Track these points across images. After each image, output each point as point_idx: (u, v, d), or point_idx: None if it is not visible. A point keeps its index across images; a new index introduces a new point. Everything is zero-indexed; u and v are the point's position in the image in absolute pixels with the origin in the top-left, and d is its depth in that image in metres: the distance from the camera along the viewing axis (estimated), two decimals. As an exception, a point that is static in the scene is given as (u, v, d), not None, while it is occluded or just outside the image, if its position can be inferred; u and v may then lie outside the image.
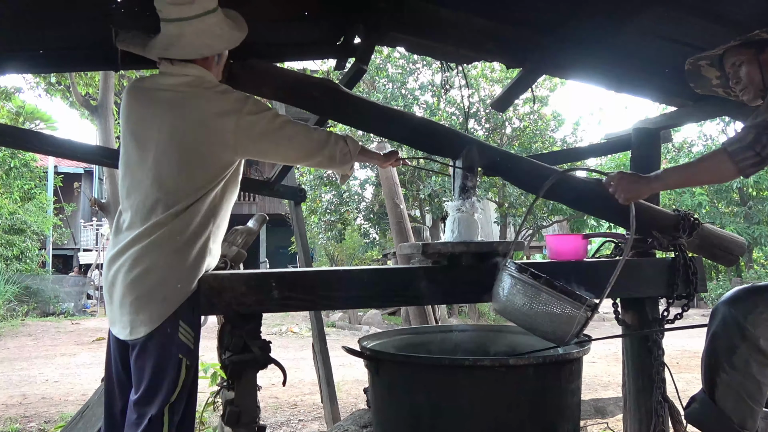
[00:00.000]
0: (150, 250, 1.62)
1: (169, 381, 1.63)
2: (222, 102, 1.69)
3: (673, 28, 2.39)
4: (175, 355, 1.64)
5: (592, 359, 7.46)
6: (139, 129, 1.71)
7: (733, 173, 1.69)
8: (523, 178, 2.45)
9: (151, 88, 1.73)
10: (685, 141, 15.37)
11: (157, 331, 1.62)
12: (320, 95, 2.17)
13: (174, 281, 1.64)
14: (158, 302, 1.62)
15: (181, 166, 1.66)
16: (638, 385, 2.47)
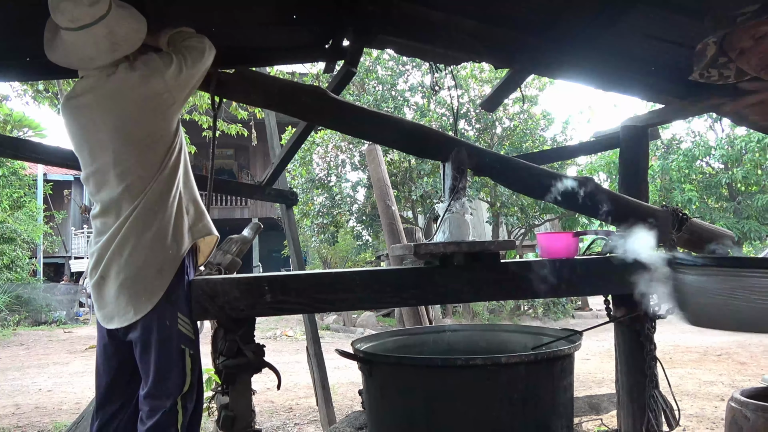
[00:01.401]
0: (130, 233, 1.67)
1: (177, 372, 1.68)
2: (138, 72, 1.71)
3: (659, 27, 2.41)
4: (177, 346, 1.69)
5: (585, 356, 7.50)
6: (84, 140, 1.75)
7: None
8: (513, 180, 2.47)
9: (76, 96, 1.76)
10: (673, 138, 15.48)
11: (157, 320, 1.66)
12: (310, 102, 2.18)
13: (164, 249, 1.69)
14: (155, 274, 1.67)
15: (140, 151, 1.70)
16: (631, 381, 2.49)
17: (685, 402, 4.72)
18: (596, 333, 10.11)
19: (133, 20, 1.74)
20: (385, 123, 2.31)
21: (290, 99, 2.19)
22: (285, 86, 2.22)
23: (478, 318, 12.29)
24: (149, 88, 1.70)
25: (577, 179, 2.44)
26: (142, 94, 1.70)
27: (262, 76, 2.21)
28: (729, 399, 2.44)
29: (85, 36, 1.65)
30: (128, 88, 1.69)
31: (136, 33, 1.74)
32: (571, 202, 2.52)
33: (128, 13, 1.74)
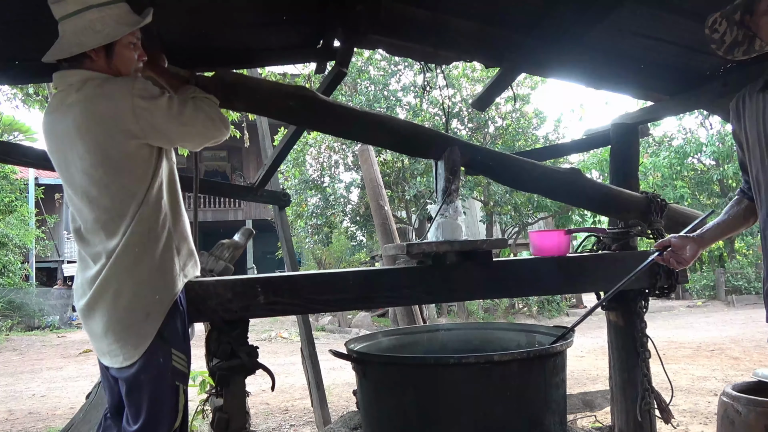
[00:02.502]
0: (113, 273, 1.57)
1: (169, 410, 1.60)
2: (109, 93, 1.57)
3: (647, 25, 2.43)
4: (171, 383, 1.61)
5: (580, 353, 7.53)
6: (56, 160, 1.65)
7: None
8: (504, 175, 2.47)
9: (50, 112, 1.64)
10: (665, 135, 15.58)
11: (149, 358, 1.57)
12: (296, 105, 2.08)
13: (151, 294, 1.59)
14: (142, 320, 1.57)
15: (108, 178, 1.58)
16: (624, 377, 2.50)
17: (679, 397, 4.75)
18: (590, 330, 10.13)
19: (122, 13, 1.63)
20: (375, 123, 2.27)
21: (274, 104, 2.09)
22: (268, 91, 2.11)
23: (473, 317, 12.31)
24: (110, 107, 1.56)
25: (562, 170, 2.47)
26: (102, 111, 1.56)
27: (243, 79, 2.08)
28: (721, 394, 2.45)
29: (81, 21, 1.58)
30: (92, 100, 1.57)
31: (117, 24, 1.61)
32: (557, 192, 2.55)
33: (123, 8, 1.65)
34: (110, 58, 1.64)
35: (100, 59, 1.63)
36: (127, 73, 1.68)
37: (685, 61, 2.67)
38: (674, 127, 15.65)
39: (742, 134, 1.74)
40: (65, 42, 1.60)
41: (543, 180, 2.44)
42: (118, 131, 1.57)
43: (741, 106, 1.74)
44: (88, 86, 1.58)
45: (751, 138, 1.70)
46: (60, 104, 1.61)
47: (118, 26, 1.62)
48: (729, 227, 1.90)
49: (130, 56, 1.67)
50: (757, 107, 1.66)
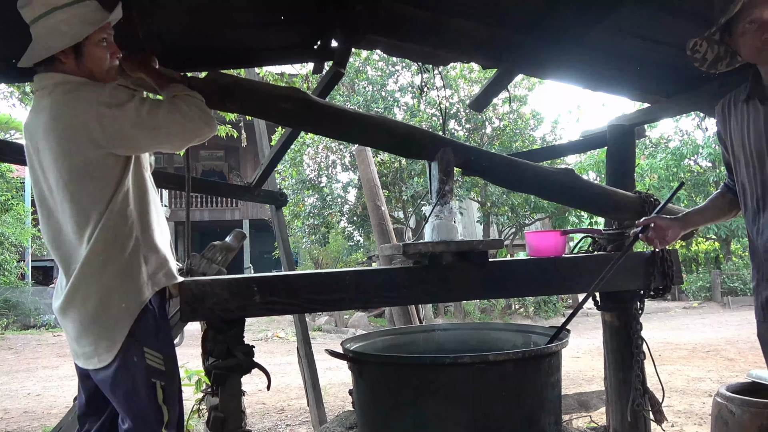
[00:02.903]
0: (80, 279, 1.58)
1: (151, 407, 1.62)
2: (75, 100, 1.55)
3: (645, 26, 2.44)
4: (147, 380, 1.61)
5: (576, 354, 7.54)
6: (29, 162, 1.64)
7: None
8: (499, 175, 2.48)
9: (29, 114, 1.63)
10: (662, 136, 15.63)
11: (122, 359, 1.58)
12: (291, 108, 2.07)
13: (117, 301, 1.59)
14: (111, 326, 1.58)
15: (73, 186, 1.56)
16: (619, 378, 2.51)
17: (674, 398, 4.77)
18: (587, 331, 10.15)
19: (89, 12, 1.60)
20: (369, 125, 2.26)
21: (269, 106, 2.08)
22: (262, 92, 2.10)
23: (470, 317, 12.33)
24: (76, 114, 1.54)
25: (557, 170, 2.48)
26: (68, 118, 1.54)
27: (237, 81, 2.06)
28: (715, 394, 2.47)
29: (48, 23, 1.56)
30: (59, 106, 1.55)
31: (82, 23, 1.58)
32: (552, 193, 2.56)
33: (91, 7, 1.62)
34: (80, 59, 1.61)
35: (70, 61, 1.60)
36: (100, 72, 1.64)
37: (682, 62, 2.67)
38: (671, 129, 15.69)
39: (727, 138, 1.79)
40: (35, 46, 1.59)
41: (537, 180, 2.45)
42: (82, 139, 1.55)
43: (727, 111, 1.80)
44: (57, 91, 1.57)
45: (735, 144, 1.75)
46: (36, 107, 1.60)
47: (83, 25, 1.58)
48: (712, 216, 2.01)
49: (101, 55, 1.63)
50: (742, 116, 1.71)
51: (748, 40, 1.60)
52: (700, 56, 1.74)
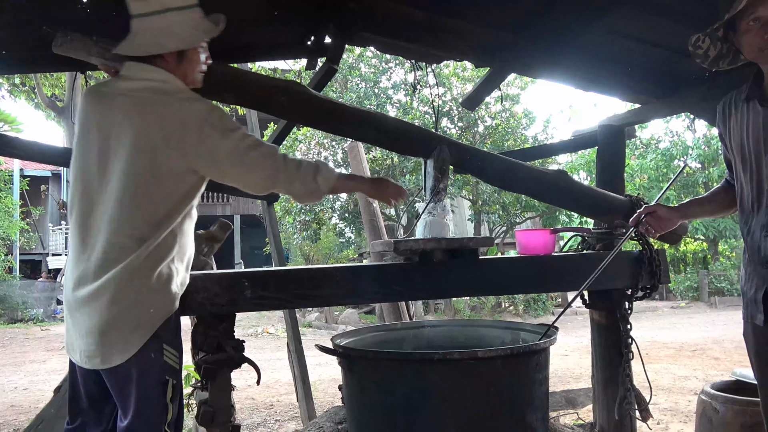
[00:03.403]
0: (117, 277, 1.52)
1: (160, 405, 1.58)
2: (183, 112, 1.57)
3: (637, 28, 2.46)
4: (161, 378, 1.58)
5: (564, 352, 7.60)
6: (97, 139, 1.59)
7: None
8: (492, 175, 2.50)
9: (110, 92, 1.62)
10: (652, 137, 15.74)
11: (137, 357, 1.54)
12: (287, 100, 2.08)
13: (145, 308, 1.56)
14: (131, 330, 1.53)
15: (144, 183, 1.55)
16: (606, 376, 2.54)
17: (660, 396, 4.82)
18: (575, 329, 10.20)
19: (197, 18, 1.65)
20: (366, 121, 2.27)
21: (265, 98, 2.08)
22: (259, 84, 2.10)
23: (460, 315, 12.37)
24: (181, 123, 1.55)
25: (550, 172, 2.50)
26: (172, 124, 1.55)
27: (234, 71, 2.06)
28: (700, 392, 2.50)
29: (161, 22, 1.58)
30: (166, 107, 1.57)
31: (194, 29, 1.64)
32: (544, 193, 2.58)
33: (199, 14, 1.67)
34: (181, 60, 1.66)
35: (172, 60, 1.64)
36: (192, 75, 1.70)
37: (672, 64, 2.71)
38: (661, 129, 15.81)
39: (727, 138, 1.79)
40: (142, 40, 1.60)
41: (530, 181, 2.47)
42: (177, 148, 1.56)
43: (727, 111, 1.80)
44: (168, 91, 1.59)
45: (734, 144, 1.75)
46: (124, 92, 1.59)
47: (196, 32, 1.65)
48: (711, 209, 2.01)
49: (198, 60, 1.71)
50: (742, 116, 1.72)
51: (751, 38, 1.60)
52: (702, 52, 1.74)
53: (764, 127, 1.63)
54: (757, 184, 1.67)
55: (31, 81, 12.62)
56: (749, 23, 1.59)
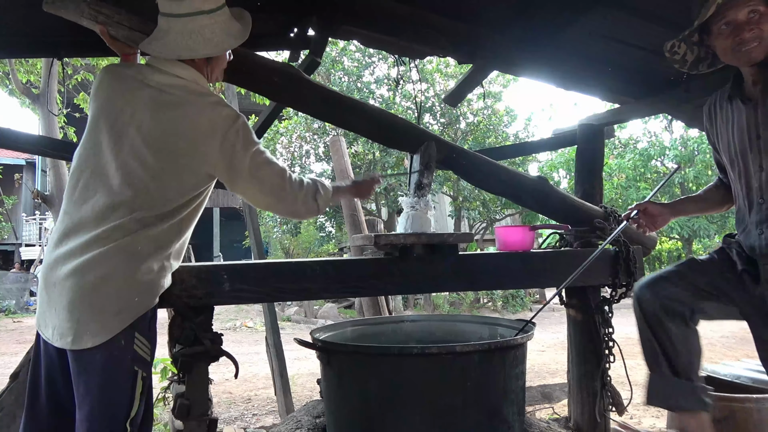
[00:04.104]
0: (109, 256, 1.47)
1: (126, 396, 1.52)
2: (212, 116, 1.58)
3: (616, 29, 2.49)
4: (130, 368, 1.52)
5: (541, 348, 7.69)
6: (115, 120, 1.56)
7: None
8: (477, 176, 2.51)
9: (136, 78, 1.60)
10: (631, 137, 15.96)
11: (108, 342, 1.48)
12: (281, 81, 2.08)
13: (133, 294, 1.52)
14: (112, 314, 1.49)
15: (156, 172, 1.54)
16: (581, 371, 2.58)
17: (634, 391, 4.90)
18: (552, 325, 10.32)
19: (227, 20, 1.65)
20: (357, 109, 2.25)
21: (260, 77, 2.08)
22: (255, 63, 2.08)
23: (439, 310, 12.43)
24: (207, 127, 1.56)
25: (531, 177, 2.52)
26: (197, 125, 1.56)
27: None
28: (672, 388, 2.55)
29: (192, 25, 1.58)
30: (194, 109, 1.57)
31: (226, 34, 1.64)
32: (524, 199, 2.61)
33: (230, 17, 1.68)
34: (209, 61, 1.68)
35: (201, 60, 1.65)
36: (217, 73, 1.73)
37: (651, 66, 2.75)
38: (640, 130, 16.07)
39: (715, 138, 1.83)
40: (173, 42, 1.58)
41: (511, 185, 2.49)
42: (200, 150, 1.57)
43: (713, 112, 1.83)
44: (197, 92, 1.60)
45: (722, 144, 1.78)
46: (153, 84, 1.58)
47: (228, 37, 1.65)
48: (704, 207, 2.07)
49: (225, 61, 1.74)
50: (726, 116, 1.75)
51: (723, 42, 1.63)
52: (679, 57, 1.76)
53: (747, 124, 1.66)
54: (746, 181, 1.70)
55: (5, 67, 12.31)
56: (720, 27, 1.62)
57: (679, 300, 1.75)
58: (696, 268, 1.80)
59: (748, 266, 1.70)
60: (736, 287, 1.73)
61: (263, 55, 2.21)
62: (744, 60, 1.63)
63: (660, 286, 1.79)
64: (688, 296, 1.75)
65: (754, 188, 1.67)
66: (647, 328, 1.78)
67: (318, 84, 2.19)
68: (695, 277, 1.77)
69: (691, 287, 1.76)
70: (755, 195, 1.67)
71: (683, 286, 1.76)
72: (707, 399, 1.75)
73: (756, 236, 1.67)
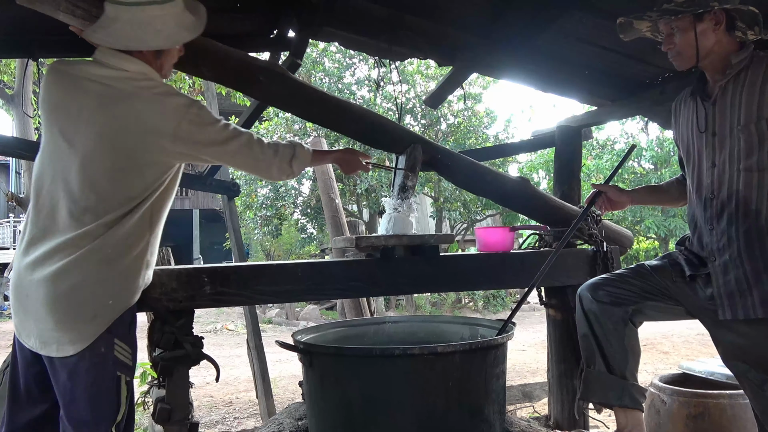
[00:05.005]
0: (79, 263, 1.46)
1: (110, 401, 1.51)
2: (161, 106, 1.55)
3: (592, 33, 2.53)
4: (113, 373, 1.51)
5: (521, 347, 7.76)
6: (64, 122, 1.52)
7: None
8: (461, 177, 2.53)
9: (80, 76, 1.54)
10: (608, 139, 16.18)
11: (89, 350, 1.47)
12: (266, 80, 2.05)
13: (105, 298, 1.50)
14: (88, 320, 1.48)
15: (115, 171, 1.51)
16: (560, 369, 2.62)
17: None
18: (532, 325, 10.41)
19: (180, 12, 1.58)
20: (342, 109, 2.25)
21: (244, 76, 2.05)
22: (239, 61, 2.05)
23: (421, 310, 12.47)
24: (157, 119, 1.53)
25: (513, 179, 2.55)
26: (147, 118, 1.52)
27: (215, 46, 2.00)
28: (649, 385, 2.60)
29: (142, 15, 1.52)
30: (142, 101, 1.53)
31: (178, 26, 1.58)
32: (506, 200, 2.64)
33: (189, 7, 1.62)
34: (160, 56, 1.62)
35: (150, 54, 1.59)
36: (168, 68, 1.67)
37: (627, 69, 2.79)
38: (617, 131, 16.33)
39: (677, 134, 1.88)
40: (122, 33, 1.52)
41: (494, 186, 2.52)
42: (152, 141, 1.54)
43: (677, 108, 1.89)
44: (144, 85, 1.55)
45: (681, 140, 1.84)
46: (97, 79, 1.53)
47: (180, 30, 1.59)
48: (662, 199, 2.15)
49: (176, 54, 1.69)
50: (688, 112, 1.80)
51: (664, 48, 1.72)
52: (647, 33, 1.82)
53: (705, 121, 1.71)
54: (698, 177, 1.74)
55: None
56: (658, 36, 1.74)
57: (620, 301, 1.81)
58: (643, 272, 1.85)
59: (700, 269, 1.74)
60: (683, 292, 1.79)
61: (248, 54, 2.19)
62: (675, 66, 1.74)
63: (603, 287, 1.85)
64: (631, 297, 1.81)
65: (706, 184, 1.71)
66: (586, 325, 1.84)
67: (306, 84, 2.19)
68: (642, 280, 1.83)
69: (636, 289, 1.81)
70: (706, 191, 1.71)
71: (627, 287, 1.82)
72: (640, 398, 1.81)
73: (707, 232, 1.71)
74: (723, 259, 1.65)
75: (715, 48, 1.65)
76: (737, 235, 1.62)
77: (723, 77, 1.67)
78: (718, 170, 1.67)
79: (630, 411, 1.79)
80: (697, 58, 1.67)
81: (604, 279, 1.88)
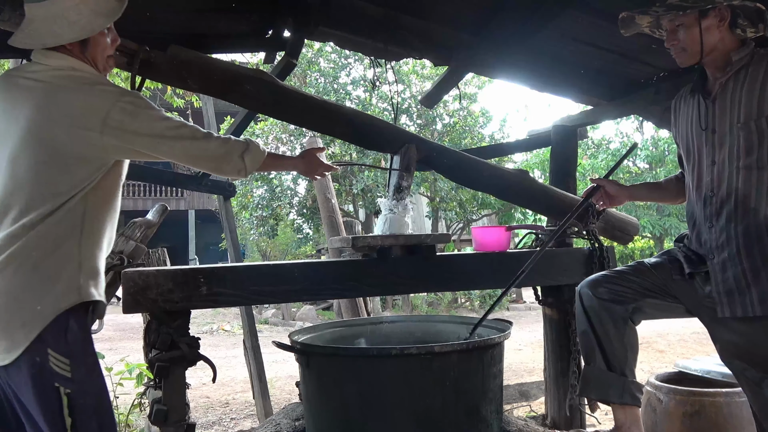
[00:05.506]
0: (2, 267, 1.40)
1: (53, 412, 1.44)
2: (89, 96, 1.49)
3: (588, 32, 2.54)
4: (50, 384, 1.44)
5: (518, 347, 7.77)
6: (1, 124, 1.50)
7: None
8: (460, 174, 2.54)
9: (16, 76, 1.53)
10: (603, 138, 16.23)
11: (24, 359, 1.42)
12: (254, 89, 2.05)
13: (33, 303, 1.43)
14: (17, 328, 1.41)
15: (39, 167, 1.45)
16: (557, 369, 2.62)
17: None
18: (529, 324, 10.42)
19: (105, 2, 1.53)
20: (333, 113, 2.25)
21: (231, 86, 2.04)
22: (225, 71, 2.05)
23: (417, 310, 12.47)
24: (85, 109, 1.46)
25: (512, 171, 2.56)
26: (75, 110, 1.46)
27: (199, 57, 2.02)
28: (645, 384, 2.61)
29: (54, 8, 1.47)
30: (69, 94, 1.47)
31: (93, 14, 1.50)
32: (506, 193, 2.64)
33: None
34: (85, 46, 1.55)
35: (75, 48, 1.53)
36: (102, 60, 1.60)
37: (622, 68, 2.80)
38: (612, 131, 16.38)
39: (676, 131, 1.88)
40: (36, 30, 1.48)
41: (494, 180, 2.52)
42: (80, 134, 1.47)
43: (678, 105, 1.89)
44: (74, 78, 1.50)
45: (681, 137, 1.84)
46: (28, 76, 1.50)
47: (95, 17, 1.51)
48: (660, 195, 2.15)
49: (104, 43, 1.59)
50: (687, 110, 1.80)
51: (666, 44, 1.72)
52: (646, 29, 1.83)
53: (705, 119, 1.71)
54: (698, 175, 1.74)
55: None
56: (661, 33, 1.73)
57: (621, 298, 1.81)
58: (643, 269, 1.85)
59: (699, 267, 1.74)
60: (682, 289, 1.79)
61: (233, 62, 2.19)
62: (678, 63, 1.73)
63: (603, 283, 1.85)
64: (631, 294, 1.81)
65: (705, 182, 1.71)
66: (585, 322, 1.84)
67: (294, 90, 2.18)
68: (642, 277, 1.83)
69: (636, 286, 1.82)
70: (706, 188, 1.71)
71: (627, 284, 1.82)
72: (638, 395, 1.82)
73: (706, 230, 1.71)
74: (722, 257, 1.66)
75: (719, 45, 1.65)
76: (736, 233, 1.63)
77: (723, 74, 1.67)
78: (717, 168, 1.68)
79: (628, 408, 1.79)
80: (701, 54, 1.66)
81: (605, 276, 1.88)
